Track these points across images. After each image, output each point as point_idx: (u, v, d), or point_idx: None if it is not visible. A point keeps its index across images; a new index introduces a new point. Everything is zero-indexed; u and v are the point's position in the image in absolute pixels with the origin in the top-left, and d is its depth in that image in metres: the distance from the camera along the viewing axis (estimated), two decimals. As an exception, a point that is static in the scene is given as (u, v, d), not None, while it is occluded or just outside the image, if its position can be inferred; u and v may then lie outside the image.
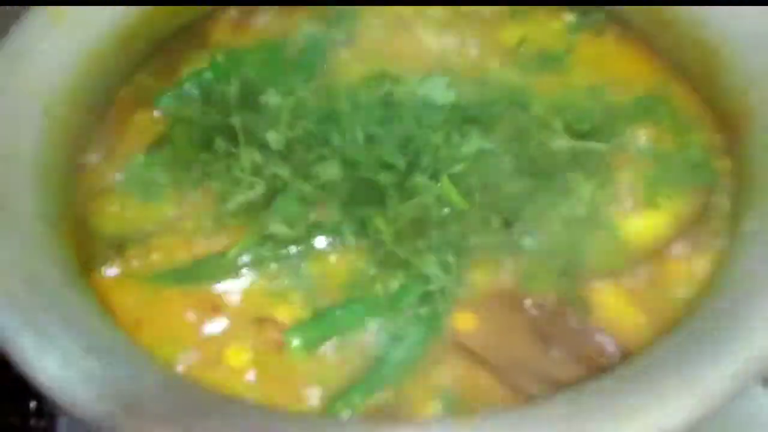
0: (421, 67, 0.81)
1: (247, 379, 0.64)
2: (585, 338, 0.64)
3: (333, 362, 0.64)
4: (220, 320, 0.67)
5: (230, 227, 0.72)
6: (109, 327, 0.64)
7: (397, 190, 0.70)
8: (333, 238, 0.70)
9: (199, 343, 0.66)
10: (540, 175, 0.71)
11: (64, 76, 0.76)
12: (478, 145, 0.71)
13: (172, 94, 0.81)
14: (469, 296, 0.67)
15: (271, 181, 0.71)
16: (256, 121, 0.74)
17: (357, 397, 0.62)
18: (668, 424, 0.53)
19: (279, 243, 0.70)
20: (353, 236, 0.70)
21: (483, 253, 0.68)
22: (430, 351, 0.64)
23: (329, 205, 0.71)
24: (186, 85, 0.82)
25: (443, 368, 0.64)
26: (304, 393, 0.63)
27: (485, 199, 0.70)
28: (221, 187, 0.73)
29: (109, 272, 0.70)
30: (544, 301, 0.66)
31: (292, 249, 0.70)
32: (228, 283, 0.69)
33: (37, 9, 0.77)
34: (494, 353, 0.64)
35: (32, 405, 0.73)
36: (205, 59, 0.84)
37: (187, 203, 0.74)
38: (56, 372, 0.57)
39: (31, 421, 0.73)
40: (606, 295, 0.67)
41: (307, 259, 0.70)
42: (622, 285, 0.67)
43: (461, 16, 0.87)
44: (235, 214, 0.72)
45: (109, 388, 0.56)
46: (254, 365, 0.64)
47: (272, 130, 0.72)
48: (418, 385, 0.63)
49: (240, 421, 0.55)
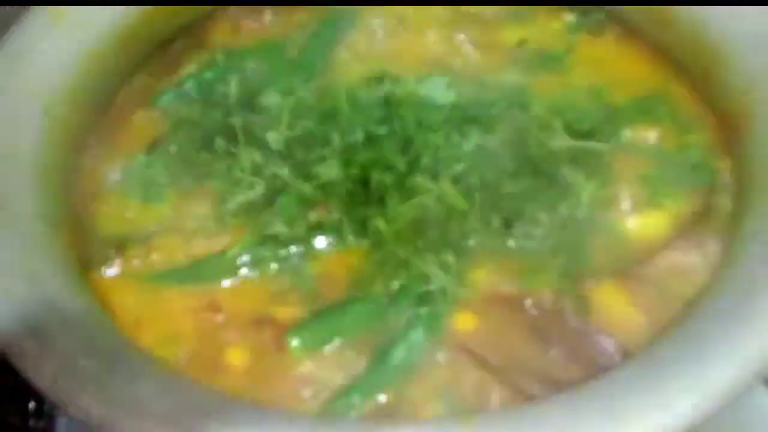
0: (421, 67, 0.81)
1: (247, 379, 0.63)
2: (585, 338, 0.64)
3: (333, 363, 0.64)
4: (220, 321, 0.67)
5: (230, 227, 0.71)
6: (108, 327, 0.64)
7: (397, 190, 0.70)
8: (333, 238, 0.70)
9: (199, 344, 0.66)
10: (540, 175, 0.71)
11: (64, 76, 0.76)
12: (478, 144, 0.71)
13: (172, 94, 0.82)
14: (470, 296, 0.66)
15: (271, 181, 0.71)
16: (256, 121, 0.74)
17: (357, 398, 0.62)
18: (669, 426, 0.53)
19: (279, 243, 0.70)
20: (353, 236, 0.70)
21: (483, 253, 0.68)
22: (430, 351, 0.64)
23: (329, 205, 0.71)
24: (186, 85, 0.82)
25: (443, 368, 0.63)
26: (304, 394, 0.62)
27: (485, 199, 0.70)
28: (221, 187, 0.73)
29: (109, 272, 0.70)
30: (544, 302, 0.66)
31: (291, 249, 0.70)
32: (228, 284, 0.69)
33: (37, 9, 0.77)
34: (494, 353, 0.64)
35: (31, 405, 0.73)
36: (205, 59, 0.84)
37: (187, 203, 0.74)
38: (55, 372, 0.57)
39: (31, 422, 0.73)
40: (606, 295, 0.66)
41: (307, 259, 0.70)
42: (623, 285, 0.67)
43: (461, 15, 0.87)
44: (235, 214, 0.72)
45: (108, 388, 0.56)
46: (254, 366, 0.64)
47: (272, 131, 0.72)
48: (418, 385, 0.63)
49: (239, 423, 0.55)
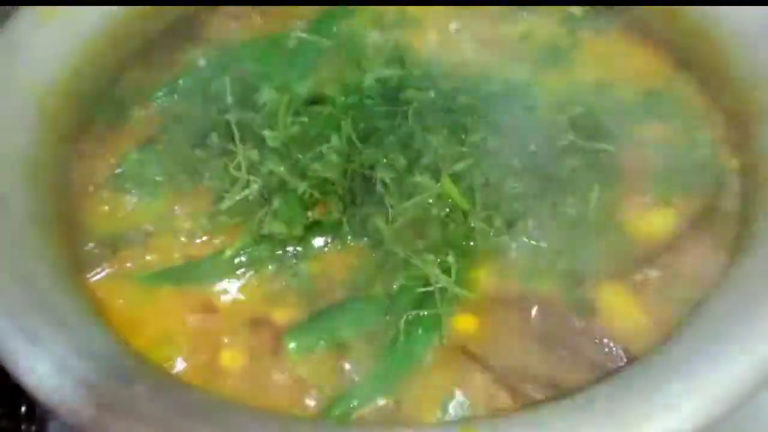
0: (424, 63, 0.80)
1: (243, 382, 0.63)
2: (589, 341, 0.63)
3: (331, 366, 0.63)
4: (216, 322, 0.66)
5: (226, 226, 0.70)
6: (102, 329, 0.63)
7: (397, 189, 0.69)
8: (331, 238, 0.69)
9: (194, 346, 0.65)
10: (544, 174, 0.70)
11: (58, 73, 0.75)
12: (481, 138, 0.70)
13: (167, 90, 0.80)
14: (470, 297, 0.65)
15: (268, 179, 0.70)
16: (252, 118, 0.73)
17: (356, 401, 0.61)
18: (675, 430, 0.52)
19: (276, 243, 0.69)
20: (352, 236, 0.69)
21: (484, 254, 0.67)
22: (430, 354, 0.63)
23: (327, 204, 0.70)
24: (181, 81, 0.81)
25: (444, 371, 0.63)
26: (302, 397, 0.62)
27: (487, 198, 0.68)
28: (217, 185, 0.72)
29: (103, 273, 0.69)
30: (548, 303, 0.65)
31: (289, 249, 0.69)
32: (224, 284, 0.68)
33: (28, 8, 0.76)
34: (496, 356, 0.63)
35: (23, 408, 0.73)
36: (200, 55, 0.83)
37: (181, 202, 0.73)
38: (47, 375, 0.56)
39: (23, 425, 0.73)
40: (611, 297, 0.66)
41: (304, 259, 0.69)
42: (628, 286, 0.66)
43: (466, 10, 0.86)
44: (231, 213, 0.71)
45: (101, 391, 0.55)
46: (250, 368, 0.63)
47: (269, 127, 0.71)
48: (418, 388, 0.62)
49: (235, 426, 0.54)
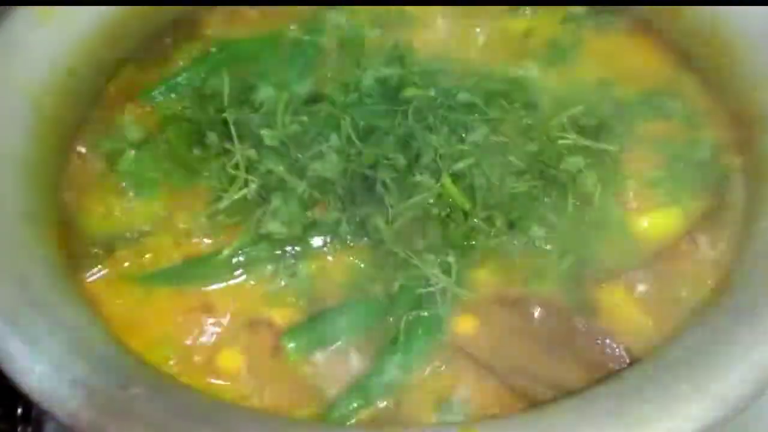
0: (424, 61, 0.79)
1: (241, 383, 0.62)
2: (591, 341, 0.63)
3: (330, 367, 0.63)
4: (213, 323, 0.66)
5: (224, 226, 0.70)
6: (98, 330, 0.62)
7: (397, 189, 0.68)
8: (330, 238, 0.69)
9: (191, 347, 0.64)
10: (545, 174, 0.70)
11: (53, 71, 0.74)
12: (482, 137, 0.70)
13: (163, 89, 0.80)
14: (471, 298, 0.65)
15: (267, 178, 0.70)
16: (250, 116, 0.72)
17: (355, 402, 0.61)
18: (679, 430, 0.51)
19: (274, 243, 0.68)
20: (351, 236, 0.68)
21: (485, 254, 0.67)
22: (430, 355, 0.63)
23: (327, 204, 0.69)
24: (177, 79, 0.80)
25: (444, 373, 0.62)
26: (300, 399, 0.61)
27: (488, 198, 0.68)
28: (214, 185, 0.71)
29: (99, 273, 0.68)
30: (549, 304, 0.65)
31: (288, 249, 0.68)
32: (221, 285, 0.68)
33: (26, 7, 0.76)
34: (497, 357, 0.63)
35: (19, 410, 0.72)
36: (197, 52, 0.82)
37: (179, 201, 0.72)
38: (44, 376, 0.56)
39: (19, 427, 0.72)
40: (613, 297, 0.65)
41: (303, 259, 0.68)
42: (631, 287, 0.65)
43: (468, 8, 0.85)
44: (229, 212, 0.70)
45: (98, 393, 0.55)
46: (248, 369, 0.63)
47: (267, 127, 0.71)
48: (419, 390, 0.61)
49: (234, 428, 0.54)
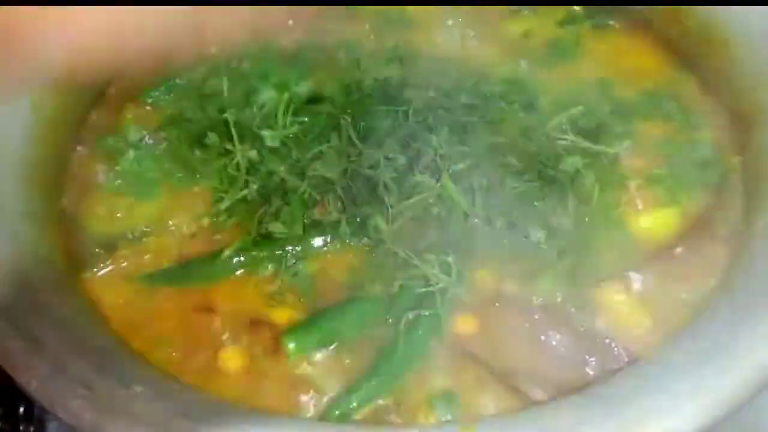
0: (424, 62, 0.79)
1: (242, 383, 0.62)
2: (590, 342, 0.62)
3: (330, 366, 0.63)
4: (214, 322, 0.66)
5: (225, 226, 0.70)
6: (100, 330, 0.63)
7: (397, 189, 0.68)
8: (331, 238, 0.69)
9: (193, 346, 0.64)
10: (545, 174, 0.69)
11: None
12: (481, 141, 0.70)
13: (164, 89, 0.80)
14: (471, 298, 0.65)
15: (267, 178, 0.70)
16: (251, 117, 0.73)
17: (356, 402, 0.61)
18: (677, 430, 0.51)
19: (275, 242, 0.68)
20: (352, 236, 0.68)
21: (485, 254, 0.67)
22: (430, 354, 0.63)
23: (327, 204, 0.69)
24: (178, 79, 0.80)
25: (443, 372, 0.62)
26: (301, 398, 0.61)
27: (488, 198, 0.68)
28: (215, 185, 0.71)
29: (100, 273, 0.68)
30: (549, 304, 0.65)
31: (288, 249, 0.68)
32: (222, 284, 0.68)
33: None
34: (496, 356, 0.62)
35: (21, 409, 0.72)
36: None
37: (179, 201, 0.72)
38: (45, 376, 0.55)
39: (21, 426, 0.72)
40: (612, 297, 0.65)
41: (304, 259, 0.68)
42: (630, 286, 0.65)
43: (468, 9, 0.85)
44: (230, 212, 0.70)
45: (99, 392, 0.55)
46: (249, 369, 0.63)
47: (268, 127, 0.71)
48: (418, 388, 0.61)
49: (235, 427, 0.54)
